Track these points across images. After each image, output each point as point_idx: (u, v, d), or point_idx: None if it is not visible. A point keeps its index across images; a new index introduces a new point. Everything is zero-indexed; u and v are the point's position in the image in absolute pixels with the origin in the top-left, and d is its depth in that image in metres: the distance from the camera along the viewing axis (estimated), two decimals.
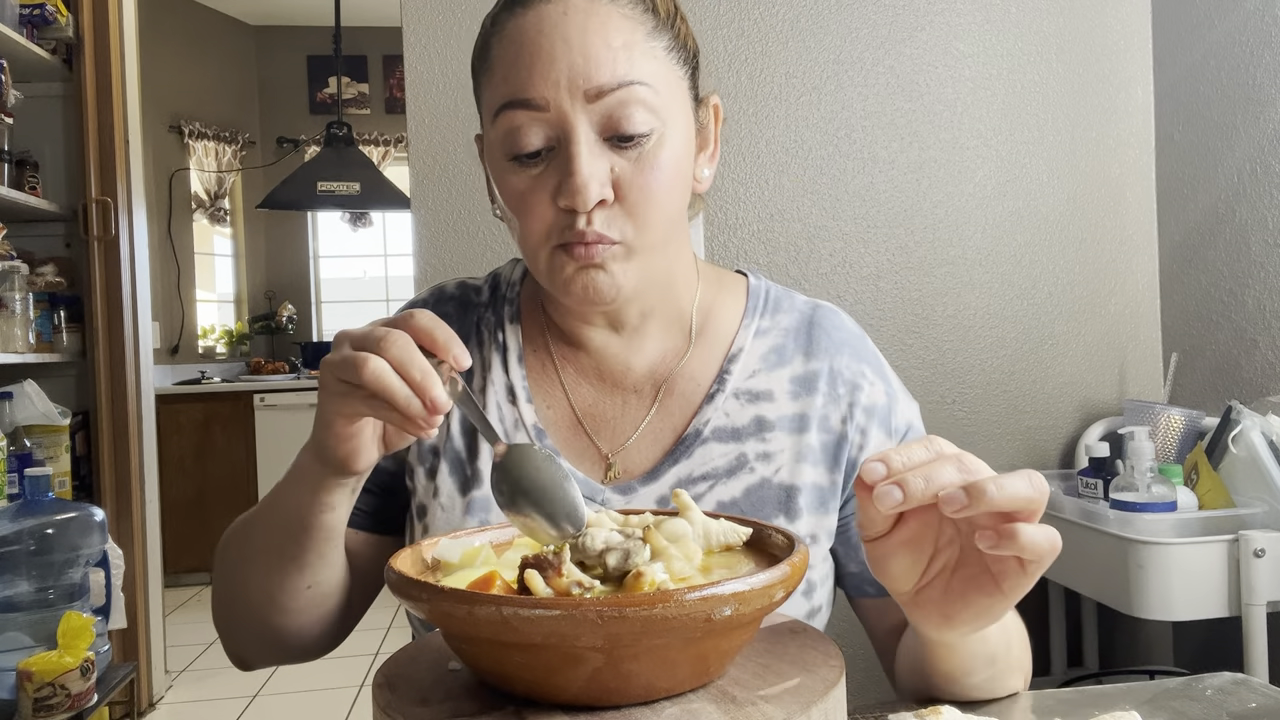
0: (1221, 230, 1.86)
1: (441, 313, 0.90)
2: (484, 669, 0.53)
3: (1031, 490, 0.52)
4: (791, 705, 0.50)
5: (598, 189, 0.72)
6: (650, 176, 0.74)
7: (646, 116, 0.73)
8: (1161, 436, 1.73)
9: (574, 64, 0.72)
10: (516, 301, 0.90)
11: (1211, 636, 1.80)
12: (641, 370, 0.86)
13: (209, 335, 5.65)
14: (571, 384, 0.87)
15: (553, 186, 0.73)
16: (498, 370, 0.87)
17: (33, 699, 1.60)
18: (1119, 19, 2.02)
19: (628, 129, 0.73)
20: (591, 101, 0.72)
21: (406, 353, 0.60)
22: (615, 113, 0.72)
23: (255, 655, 0.83)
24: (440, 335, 0.62)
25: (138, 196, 3.20)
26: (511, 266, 0.94)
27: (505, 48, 0.75)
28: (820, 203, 1.95)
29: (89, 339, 3.01)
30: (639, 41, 0.74)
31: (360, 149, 5.37)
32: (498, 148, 0.76)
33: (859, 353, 0.87)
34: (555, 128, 0.73)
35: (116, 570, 2.10)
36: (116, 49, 3.07)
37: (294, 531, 0.72)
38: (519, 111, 0.73)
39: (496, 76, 0.75)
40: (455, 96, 1.86)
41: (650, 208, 0.74)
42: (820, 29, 1.95)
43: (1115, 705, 0.70)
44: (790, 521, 0.80)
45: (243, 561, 0.78)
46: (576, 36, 0.72)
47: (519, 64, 0.73)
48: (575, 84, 0.71)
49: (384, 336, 0.60)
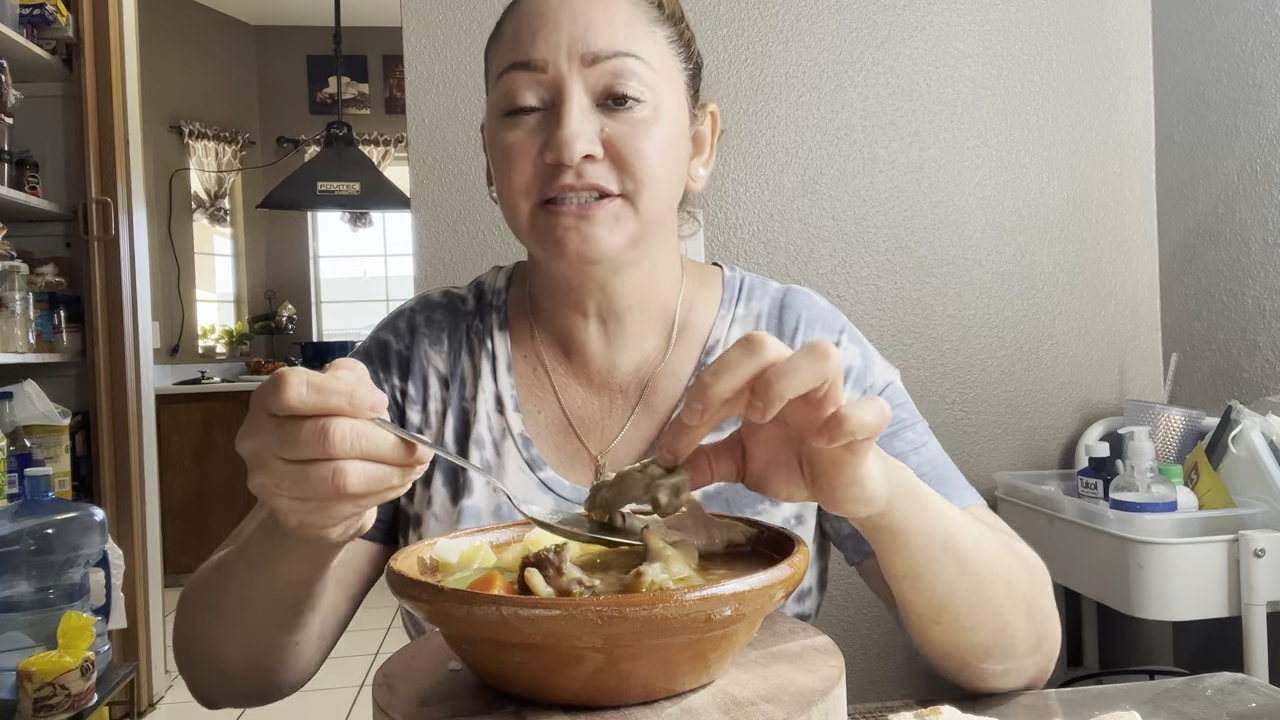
0: (1221, 230, 1.86)
1: (430, 320, 0.91)
2: (484, 669, 0.53)
3: (813, 367, 0.51)
4: (791, 705, 0.50)
5: (584, 144, 0.74)
6: (642, 140, 0.76)
7: (640, 87, 0.77)
8: (1161, 436, 1.73)
9: (575, 31, 0.76)
10: (504, 309, 0.91)
11: (1211, 636, 1.80)
12: (627, 370, 0.87)
13: (209, 335, 5.65)
14: (562, 386, 0.88)
15: (540, 141, 0.76)
16: (487, 379, 0.87)
17: (33, 699, 1.60)
18: (1119, 19, 2.02)
19: (619, 90, 0.76)
20: (588, 65, 0.76)
21: (372, 441, 0.51)
22: (609, 79, 0.76)
23: (226, 701, 0.79)
24: (375, 400, 0.53)
25: (138, 196, 3.19)
26: (494, 274, 0.95)
27: (516, 20, 0.80)
28: (820, 203, 1.95)
29: (89, 339, 3.01)
30: (640, 24, 0.79)
31: (360, 149, 5.36)
32: (495, 110, 0.79)
33: (830, 325, 0.89)
34: (550, 88, 0.77)
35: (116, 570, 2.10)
36: (116, 49, 3.07)
37: (290, 603, 0.67)
38: (519, 72, 0.77)
39: (504, 45, 0.80)
40: (455, 96, 1.86)
41: (641, 164, 0.76)
42: (820, 29, 1.95)
43: (1115, 705, 0.70)
44: (773, 506, 0.82)
45: (216, 624, 0.72)
46: (583, 10, 0.77)
47: (525, 31, 0.78)
48: (574, 48, 0.76)
49: (333, 435, 0.50)
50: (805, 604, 0.84)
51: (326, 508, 0.53)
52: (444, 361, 0.90)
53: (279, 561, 0.63)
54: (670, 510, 0.57)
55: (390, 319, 0.93)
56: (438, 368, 0.89)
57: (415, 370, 0.89)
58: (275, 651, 0.72)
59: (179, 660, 0.78)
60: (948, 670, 0.74)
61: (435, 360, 0.90)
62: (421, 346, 0.90)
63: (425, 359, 0.90)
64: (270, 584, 0.65)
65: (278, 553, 0.62)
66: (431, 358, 0.90)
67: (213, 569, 0.73)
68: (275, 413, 0.50)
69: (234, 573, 0.69)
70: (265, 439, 0.51)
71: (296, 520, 0.54)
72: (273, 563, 0.64)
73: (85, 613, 1.80)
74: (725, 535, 0.60)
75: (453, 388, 0.89)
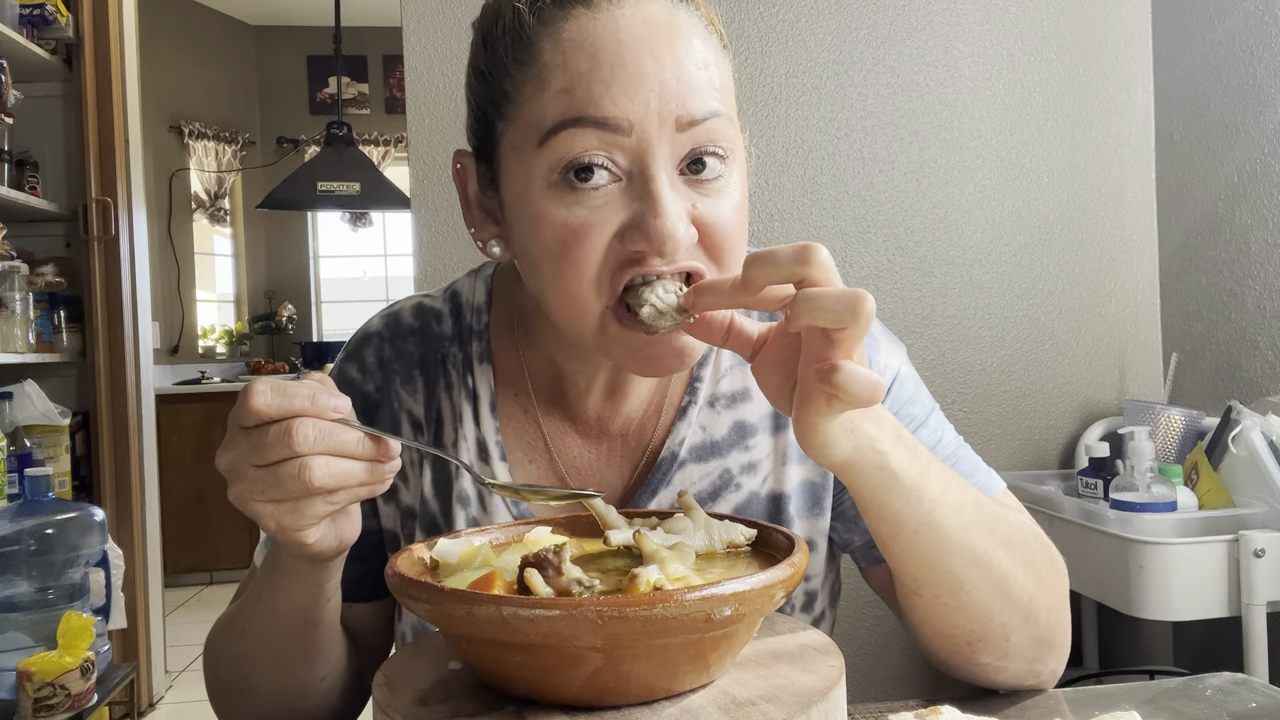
0: (1221, 230, 1.86)
1: (400, 351, 0.81)
2: (484, 669, 0.53)
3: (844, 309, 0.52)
4: (791, 705, 0.50)
5: (685, 230, 0.62)
6: (730, 214, 0.66)
7: (727, 149, 0.66)
8: (1161, 436, 1.73)
9: (666, 84, 0.62)
10: (485, 335, 0.79)
11: (1211, 636, 1.80)
12: (626, 414, 0.78)
13: (209, 335, 5.65)
14: (553, 432, 0.78)
15: (617, 223, 0.63)
16: (469, 423, 0.77)
17: (33, 699, 1.60)
18: (1119, 19, 2.02)
19: (712, 165, 0.65)
20: (682, 130, 0.63)
21: (334, 436, 0.54)
22: (701, 145, 0.64)
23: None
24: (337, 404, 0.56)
25: (138, 196, 3.20)
26: (471, 284, 0.83)
27: (569, 53, 0.63)
28: (820, 203, 1.95)
29: (89, 339, 3.01)
30: (714, 63, 0.66)
31: (360, 149, 5.36)
32: (544, 172, 0.63)
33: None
34: (632, 156, 0.62)
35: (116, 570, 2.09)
36: (116, 49, 3.07)
37: (300, 630, 0.69)
38: (590, 131, 0.62)
39: (553, 86, 0.63)
40: (455, 96, 1.86)
41: (731, 242, 0.66)
42: (820, 29, 1.95)
43: (1115, 705, 0.70)
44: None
45: (244, 667, 0.73)
46: (666, 53, 0.63)
47: (594, 76, 0.62)
48: (667, 108, 0.62)
49: (296, 434, 0.53)
50: (821, 627, 0.82)
51: (299, 507, 0.55)
52: (418, 401, 0.79)
53: (281, 587, 0.66)
54: (649, 319, 0.61)
55: (355, 346, 0.83)
56: (411, 410, 0.79)
57: (384, 415, 0.79)
58: (299, 687, 0.73)
59: (216, 708, 0.79)
60: (938, 655, 0.73)
61: (408, 402, 0.79)
62: (393, 387, 0.80)
63: (397, 401, 0.80)
64: (276, 611, 0.68)
65: (279, 578, 0.66)
66: (404, 399, 0.79)
67: (230, 613, 0.76)
68: (245, 424, 0.54)
69: (246, 610, 0.72)
70: (238, 450, 0.55)
71: (275, 524, 0.57)
72: (276, 589, 0.67)
73: (85, 613, 1.80)
74: (724, 535, 0.60)
75: (428, 433, 0.79)
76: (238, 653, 0.74)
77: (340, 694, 0.77)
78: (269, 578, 0.67)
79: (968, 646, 0.70)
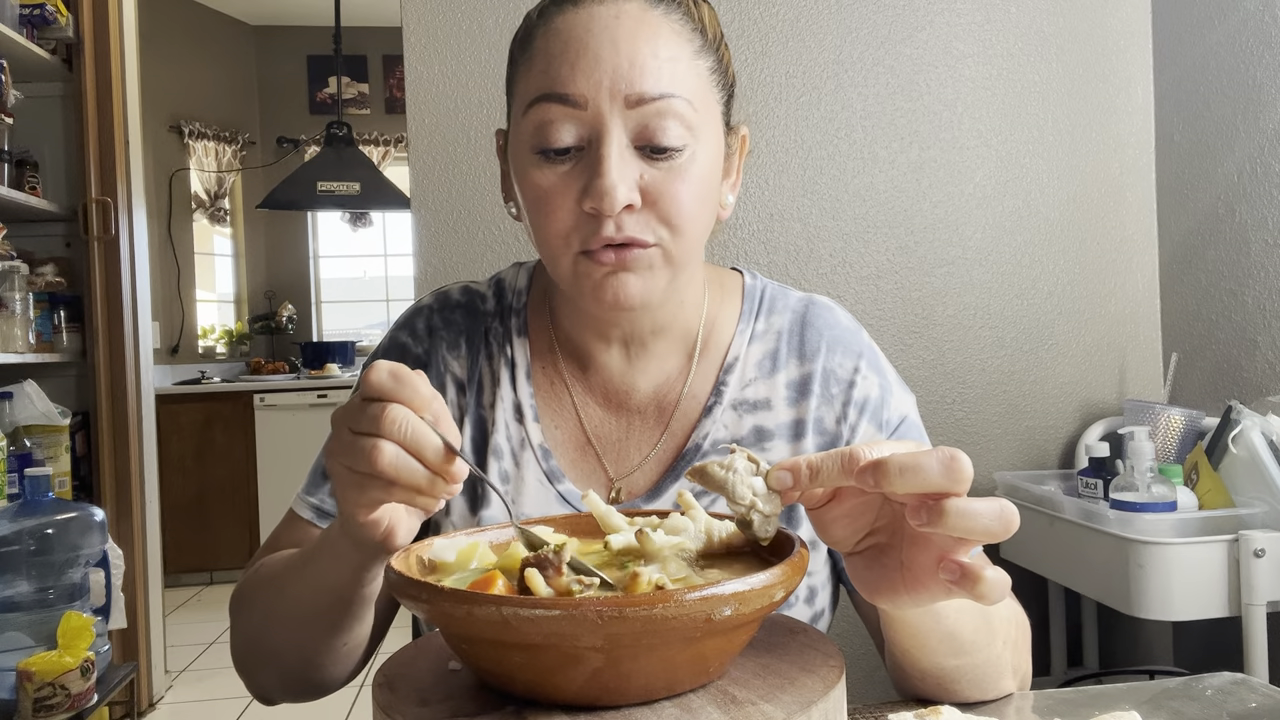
0: (1221, 230, 1.86)
1: (448, 320, 0.90)
2: (484, 669, 0.53)
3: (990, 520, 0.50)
4: (791, 705, 0.50)
5: (625, 193, 0.71)
6: (680, 187, 0.73)
7: (681, 131, 0.73)
8: (1161, 436, 1.73)
9: (619, 67, 0.71)
10: (524, 313, 0.89)
11: (1211, 636, 1.80)
12: (646, 391, 0.86)
13: (209, 335, 5.65)
14: (581, 403, 0.86)
15: (578, 187, 0.72)
16: (506, 386, 0.86)
17: (33, 699, 1.60)
18: (1119, 19, 2.02)
19: (661, 140, 0.72)
20: (631, 107, 0.71)
21: (417, 433, 0.57)
22: (651, 122, 0.72)
23: (282, 697, 0.83)
24: (438, 408, 0.60)
25: (138, 196, 3.20)
26: (515, 273, 0.93)
27: (551, 41, 0.74)
28: (820, 203, 1.95)
29: (89, 339, 3.01)
30: (685, 57, 0.74)
31: (360, 149, 5.36)
32: (525, 140, 0.74)
33: (851, 348, 0.87)
34: (589, 127, 0.72)
35: (116, 570, 2.10)
36: (116, 49, 3.07)
37: (333, 605, 0.71)
38: (554, 105, 0.72)
39: (536, 68, 0.74)
40: (455, 96, 1.86)
41: (681, 216, 0.73)
42: (820, 29, 1.95)
43: (1115, 705, 0.70)
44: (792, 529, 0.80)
45: (271, 623, 0.77)
46: (626, 41, 0.72)
47: (563, 58, 0.72)
48: (617, 87, 0.71)
49: (386, 416, 0.57)
50: (822, 621, 0.85)
51: (362, 482, 0.58)
52: (461, 366, 0.88)
53: (324, 560, 0.69)
54: (761, 530, 0.57)
55: (408, 317, 0.92)
56: (455, 373, 0.88)
57: (432, 376, 0.87)
58: (325, 651, 0.75)
59: (238, 660, 0.82)
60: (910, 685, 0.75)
61: (453, 365, 0.88)
62: (439, 350, 0.89)
63: (443, 364, 0.88)
64: (314, 582, 0.71)
65: (325, 550, 0.69)
66: (449, 362, 0.88)
67: (274, 571, 0.79)
68: (365, 395, 0.59)
69: (289, 582, 0.75)
70: (347, 411, 0.59)
71: (340, 488, 0.60)
72: (321, 563, 0.70)
73: (85, 613, 1.81)
74: (724, 536, 0.60)
75: (470, 393, 0.87)
76: (270, 606, 0.77)
77: (362, 658, 0.81)
78: (316, 551, 0.71)
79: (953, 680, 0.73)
